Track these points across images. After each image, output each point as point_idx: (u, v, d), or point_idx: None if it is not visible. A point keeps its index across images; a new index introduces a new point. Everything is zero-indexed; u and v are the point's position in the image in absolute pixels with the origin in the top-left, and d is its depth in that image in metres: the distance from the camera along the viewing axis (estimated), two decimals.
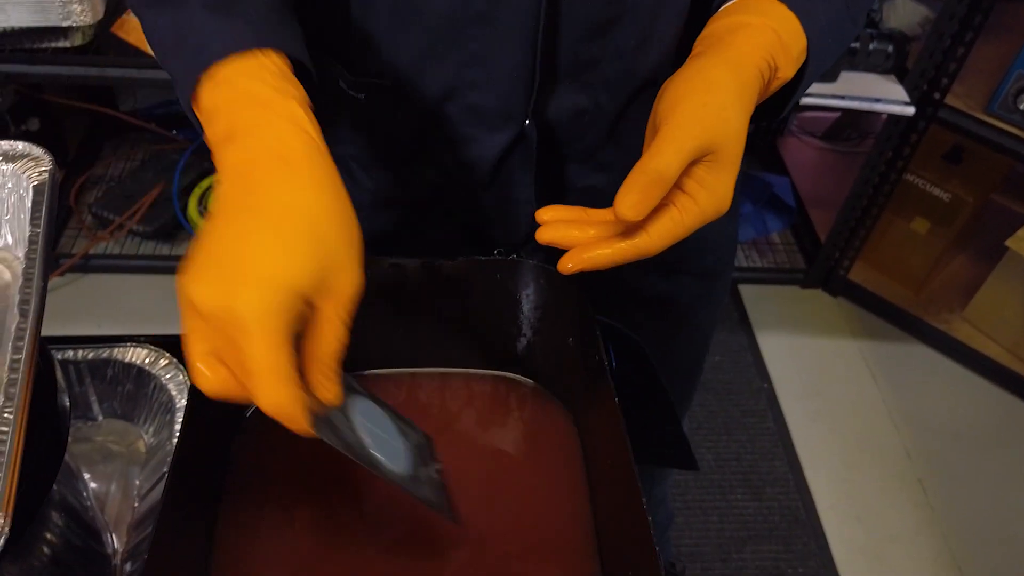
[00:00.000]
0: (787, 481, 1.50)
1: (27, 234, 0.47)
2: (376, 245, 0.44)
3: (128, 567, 0.64)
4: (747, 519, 1.45)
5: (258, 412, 0.60)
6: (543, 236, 0.46)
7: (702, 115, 0.43)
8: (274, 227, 0.38)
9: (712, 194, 0.44)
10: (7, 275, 0.52)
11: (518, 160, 0.58)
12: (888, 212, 1.71)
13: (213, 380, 0.39)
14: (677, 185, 0.44)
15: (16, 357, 0.42)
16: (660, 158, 0.42)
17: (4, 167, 0.51)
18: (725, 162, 0.44)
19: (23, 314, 0.41)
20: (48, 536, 0.55)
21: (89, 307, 1.67)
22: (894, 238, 1.77)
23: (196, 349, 0.39)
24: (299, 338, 0.39)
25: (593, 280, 0.60)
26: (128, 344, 0.68)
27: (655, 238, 0.44)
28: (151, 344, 0.69)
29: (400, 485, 0.47)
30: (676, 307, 0.70)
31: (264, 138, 0.39)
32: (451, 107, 0.56)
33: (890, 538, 1.44)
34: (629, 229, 0.45)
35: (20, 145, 0.51)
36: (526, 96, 0.55)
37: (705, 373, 0.89)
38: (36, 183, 0.49)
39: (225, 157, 0.40)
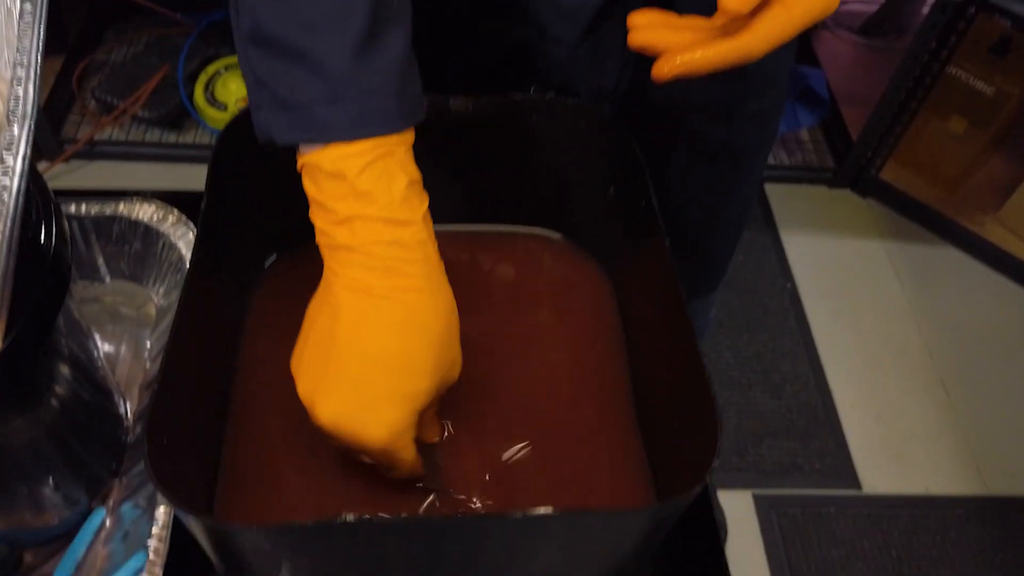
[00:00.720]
0: (807, 380, 1.48)
1: (16, 46, 0.42)
2: None
3: (140, 428, 0.61)
4: (765, 416, 1.43)
5: (278, 263, 0.56)
6: (635, 39, 0.42)
7: None
8: (401, 353, 0.39)
9: None
10: None
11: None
12: (924, 110, 1.63)
13: None
14: None
15: (6, 166, 0.37)
16: None
17: None
18: None
19: (12, 121, 0.37)
20: (57, 389, 0.52)
21: None
22: (929, 138, 1.70)
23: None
24: None
25: (648, 132, 0.54)
26: (134, 199, 0.64)
27: (759, 36, 0.39)
28: (158, 200, 0.65)
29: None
30: (733, 154, 0.66)
31: (387, 259, 0.39)
32: None
33: (909, 437, 1.42)
34: (728, 31, 0.40)
35: None
36: None
37: (728, 271, 0.85)
38: None
39: (346, 266, 0.39)
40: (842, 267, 1.67)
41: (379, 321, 0.39)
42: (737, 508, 1.32)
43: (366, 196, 0.38)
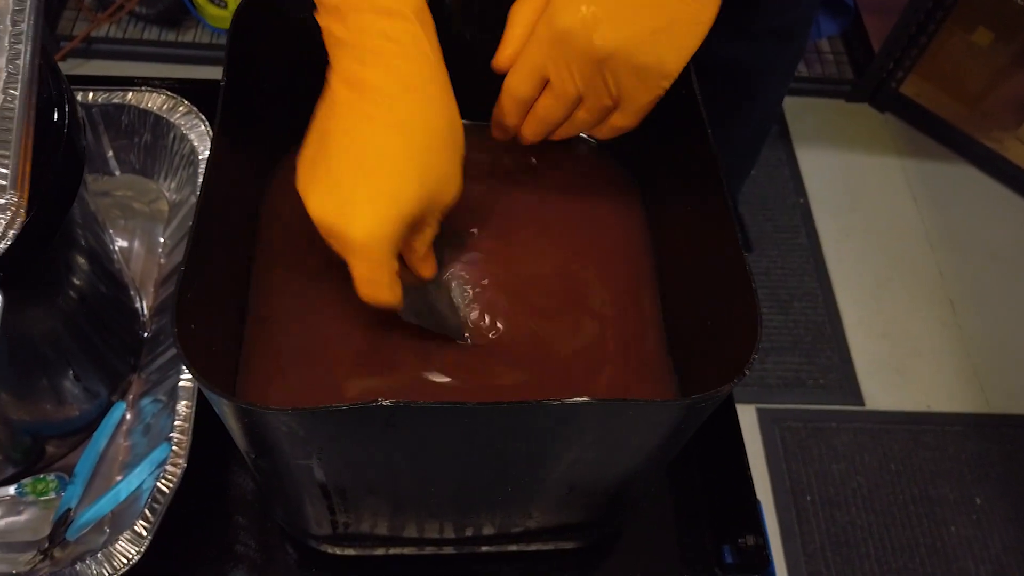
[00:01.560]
0: (815, 296, 1.48)
1: None
2: None
3: (156, 324, 0.61)
4: (771, 332, 1.44)
5: (290, 164, 0.54)
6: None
7: None
8: (384, 153, 0.39)
9: None
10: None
11: None
12: (950, 21, 1.58)
13: None
14: None
15: (15, 50, 0.35)
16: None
17: None
18: None
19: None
20: (74, 280, 0.51)
21: None
22: (953, 50, 1.64)
23: None
24: None
25: None
26: (143, 88, 0.62)
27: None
28: (168, 90, 0.62)
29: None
30: (744, 73, 0.62)
31: (380, 53, 0.39)
32: None
33: (915, 355, 1.43)
34: None
35: None
36: None
37: (741, 192, 0.84)
38: None
39: (341, 60, 0.40)
40: (856, 183, 1.64)
41: (368, 119, 0.39)
42: (741, 422, 1.34)
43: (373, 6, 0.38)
